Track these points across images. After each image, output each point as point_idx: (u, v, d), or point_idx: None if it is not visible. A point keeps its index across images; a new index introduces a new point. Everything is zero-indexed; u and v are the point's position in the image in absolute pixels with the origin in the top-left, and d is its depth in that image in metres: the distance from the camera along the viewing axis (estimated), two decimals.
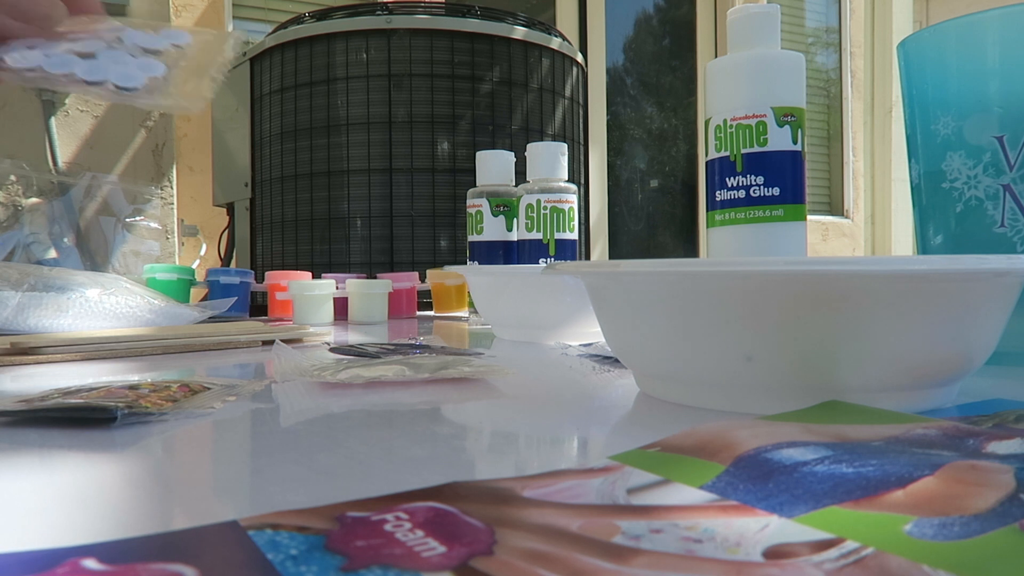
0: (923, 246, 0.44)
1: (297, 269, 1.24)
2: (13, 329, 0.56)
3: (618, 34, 2.69)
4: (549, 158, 0.69)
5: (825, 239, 3.04)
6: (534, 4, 2.52)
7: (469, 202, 0.76)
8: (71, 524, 0.17)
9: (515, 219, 0.74)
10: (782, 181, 0.48)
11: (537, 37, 1.28)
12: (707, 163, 0.51)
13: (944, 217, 0.42)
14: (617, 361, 0.44)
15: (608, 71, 2.64)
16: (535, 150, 0.70)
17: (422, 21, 1.20)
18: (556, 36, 1.32)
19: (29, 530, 0.17)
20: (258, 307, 1.12)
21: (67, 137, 1.57)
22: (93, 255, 1.46)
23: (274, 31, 1.31)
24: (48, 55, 0.27)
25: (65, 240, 1.45)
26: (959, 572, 0.13)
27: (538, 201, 0.68)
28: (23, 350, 0.47)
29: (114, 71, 0.26)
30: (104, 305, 0.60)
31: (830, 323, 0.26)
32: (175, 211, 1.69)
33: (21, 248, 1.35)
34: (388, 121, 1.20)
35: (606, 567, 0.14)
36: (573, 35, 2.52)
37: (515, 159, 0.77)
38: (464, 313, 0.89)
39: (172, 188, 1.68)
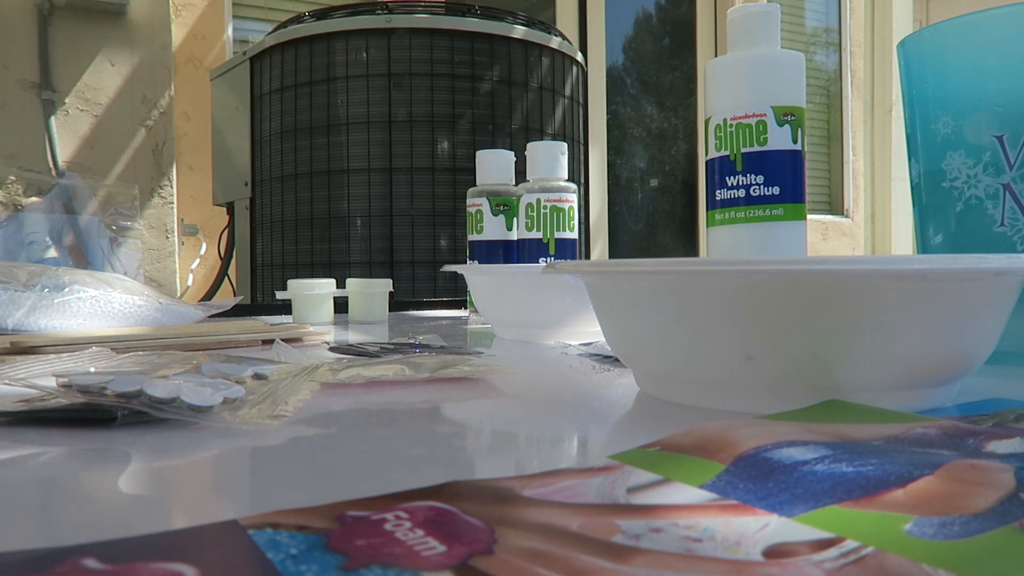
0: (923, 245, 0.44)
1: (297, 268, 1.24)
2: (24, 329, 0.56)
3: (618, 33, 2.69)
4: (549, 157, 0.69)
5: (825, 238, 3.04)
6: (534, 3, 2.52)
7: (469, 201, 0.76)
8: (71, 524, 0.17)
9: (515, 218, 0.74)
10: (782, 180, 0.48)
11: (537, 36, 1.28)
12: (707, 162, 0.51)
13: (944, 216, 0.42)
14: (617, 361, 0.44)
15: (608, 70, 2.64)
16: (535, 149, 0.70)
17: (422, 20, 1.20)
18: (556, 35, 1.32)
19: (29, 530, 0.17)
20: (258, 306, 1.12)
21: (67, 137, 1.57)
22: (91, 255, 1.46)
23: (274, 30, 1.31)
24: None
25: (64, 240, 1.45)
26: (959, 571, 0.13)
27: (538, 200, 0.68)
28: (23, 349, 0.47)
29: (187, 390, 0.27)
30: (113, 305, 0.60)
31: (830, 323, 0.26)
32: (175, 210, 1.69)
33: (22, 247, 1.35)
34: (388, 120, 1.20)
35: (606, 566, 0.14)
36: (573, 34, 2.52)
37: (515, 158, 0.77)
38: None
39: (172, 187, 1.68)
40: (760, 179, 0.48)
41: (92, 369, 0.36)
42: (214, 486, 0.21)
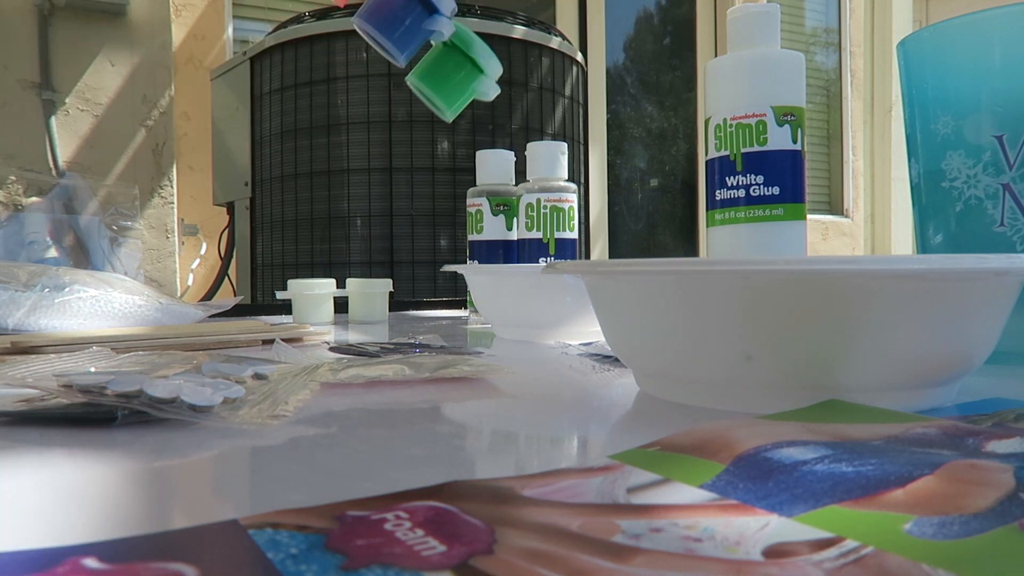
0: (923, 245, 0.44)
1: (297, 268, 1.24)
2: (24, 329, 0.56)
3: (618, 33, 2.69)
4: (549, 157, 0.69)
5: (825, 238, 3.04)
6: (534, 3, 2.52)
7: (469, 201, 0.76)
8: (71, 523, 0.17)
9: (515, 218, 0.74)
10: (782, 180, 0.48)
11: (537, 36, 1.28)
12: (707, 162, 0.51)
13: (944, 216, 0.42)
14: (617, 360, 0.44)
15: (608, 70, 2.64)
16: (535, 149, 0.70)
17: None
18: (556, 35, 1.32)
19: (29, 529, 0.17)
20: (258, 306, 1.12)
21: (67, 137, 1.57)
22: (91, 255, 1.46)
23: (274, 30, 1.31)
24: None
25: (64, 240, 1.45)
26: (958, 571, 0.13)
27: (538, 200, 0.68)
28: (23, 349, 0.47)
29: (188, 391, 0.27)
30: (113, 305, 0.60)
31: (830, 323, 0.26)
32: (175, 210, 1.69)
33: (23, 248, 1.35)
34: (388, 120, 1.20)
35: (606, 566, 0.14)
36: (573, 34, 2.52)
37: (515, 158, 0.77)
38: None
39: (172, 187, 1.68)
40: (760, 179, 0.48)
41: (92, 369, 0.36)
42: (214, 486, 0.21)
